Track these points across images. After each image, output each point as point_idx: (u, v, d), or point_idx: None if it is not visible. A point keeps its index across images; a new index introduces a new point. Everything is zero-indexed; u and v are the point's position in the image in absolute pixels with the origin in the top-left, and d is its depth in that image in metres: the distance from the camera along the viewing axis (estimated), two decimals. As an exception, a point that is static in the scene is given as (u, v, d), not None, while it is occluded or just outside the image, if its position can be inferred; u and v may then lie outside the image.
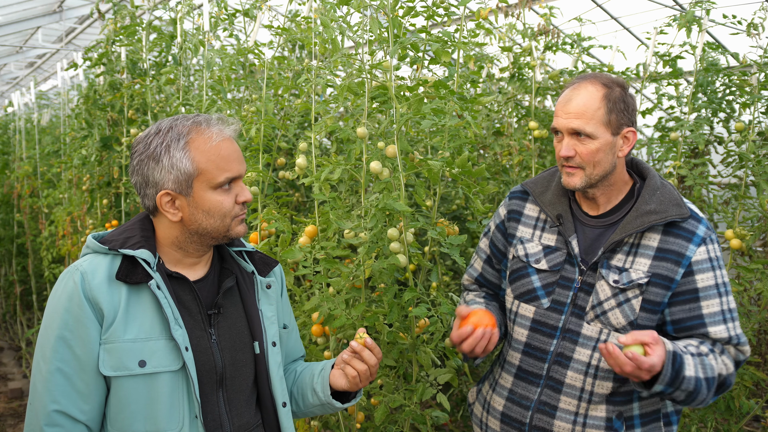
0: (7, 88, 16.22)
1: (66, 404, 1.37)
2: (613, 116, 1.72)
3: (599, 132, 1.71)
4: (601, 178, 1.76)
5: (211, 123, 1.47)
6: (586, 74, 1.80)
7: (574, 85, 1.78)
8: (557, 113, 1.77)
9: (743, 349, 1.74)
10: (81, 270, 1.40)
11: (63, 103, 5.85)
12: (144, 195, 1.47)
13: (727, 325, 1.71)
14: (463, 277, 2.13)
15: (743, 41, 3.31)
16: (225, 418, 1.49)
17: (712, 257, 1.73)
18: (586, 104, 1.71)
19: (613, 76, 1.78)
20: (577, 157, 1.74)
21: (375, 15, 2.07)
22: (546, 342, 1.81)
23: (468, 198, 2.66)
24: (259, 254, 1.65)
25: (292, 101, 3.58)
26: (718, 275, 1.72)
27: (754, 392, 3.71)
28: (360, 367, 1.56)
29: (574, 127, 1.72)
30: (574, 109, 1.72)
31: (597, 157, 1.72)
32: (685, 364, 1.61)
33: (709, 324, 1.71)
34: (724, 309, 1.72)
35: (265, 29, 3.15)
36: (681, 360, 1.61)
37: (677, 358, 1.60)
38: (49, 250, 5.15)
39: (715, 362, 1.68)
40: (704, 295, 1.71)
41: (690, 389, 1.62)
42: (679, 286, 1.72)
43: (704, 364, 1.65)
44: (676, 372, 1.59)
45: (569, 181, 1.77)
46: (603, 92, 1.72)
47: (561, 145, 1.77)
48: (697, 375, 1.62)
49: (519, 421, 1.83)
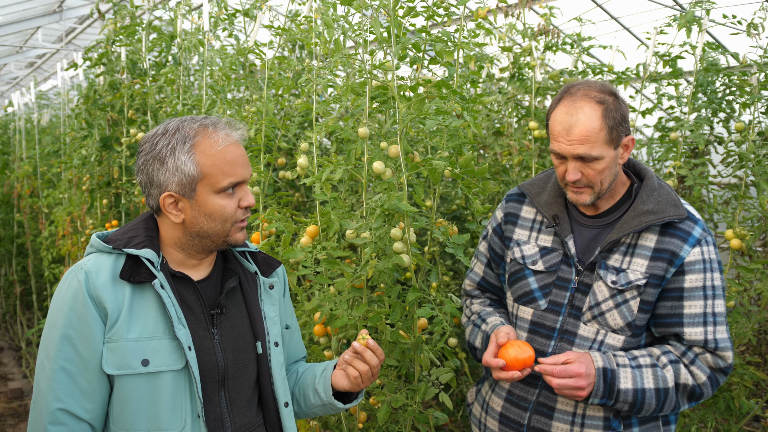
0: (7, 88, 16.22)
1: (70, 403, 1.37)
2: (614, 133, 1.68)
3: (605, 152, 1.68)
4: (608, 188, 1.75)
5: (218, 126, 1.46)
6: (573, 90, 1.71)
7: (565, 103, 1.70)
8: (557, 138, 1.71)
9: (723, 355, 1.70)
10: (85, 269, 1.41)
11: (63, 103, 5.85)
12: (148, 194, 1.48)
13: (705, 328, 1.70)
14: (464, 282, 2.12)
15: (743, 41, 3.31)
16: (227, 417, 1.50)
17: (705, 259, 1.72)
18: (590, 129, 1.66)
19: (599, 83, 1.73)
20: (584, 179, 1.72)
21: (375, 15, 2.07)
22: (544, 344, 1.81)
23: (468, 198, 2.66)
24: (262, 254, 1.66)
25: (293, 101, 3.58)
26: (708, 278, 1.71)
27: (754, 392, 3.71)
28: (362, 368, 1.56)
29: (580, 153, 1.67)
30: (577, 136, 1.66)
31: (604, 175, 1.71)
32: (619, 378, 1.67)
33: (686, 324, 1.70)
34: (707, 312, 1.70)
35: (265, 29, 3.15)
36: (613, 375, 1.67)
37: (608, 373, 1.67)
38: (49, 250, 5.15)
39: (673, 373, 1.69)
40: (688, 295, 1.71)
41: (629, 401, 1.68)
42: (668, 283, 1.72)
43: (656, 375, 1.69)
44: (609, 386, 1.67)
45: (578, 199, 1.76)
46: (601, 110, 1.66)
47: (564, 167, 1.73)
48: (636, 387, 1.67)
49: (517, 422, 1.84)
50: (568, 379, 1.64)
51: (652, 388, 1.68)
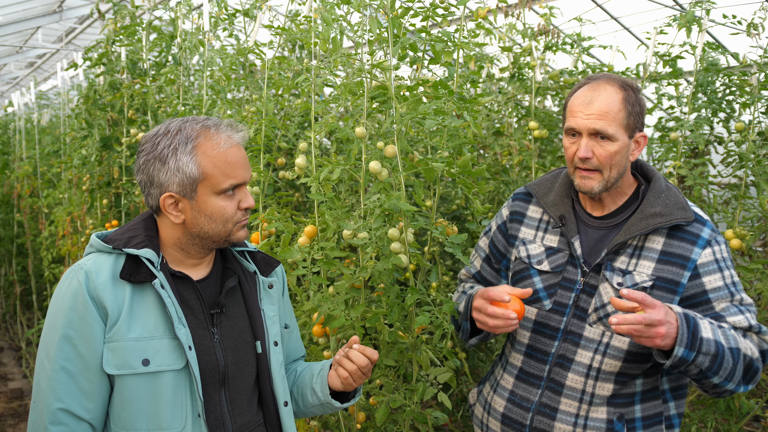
0: (7, 88, 16.22)
1: (70, 402, 1.38)
2: (631, 119, 1.70)
3: (619, 134, 1.69)
4: (616, 181, 1.74)
5: (220, 128, 1.47)
6: (599, 74, 1.76)
7: (588, 84, 1.74)
8: (575, 113, 1.72)
9: (766, 338, 1.69)
10: (85, 269, 1.41)
11: (63, 103, 5.85)
12: (148, 194, 1.48)
13: (744, 315, 1.68)
14: (460, 272, 2.13)
15: (743, 41, 3.31)
16: (227, 416, 1.50)
17: (718, 258, 1.71)
18: (609, 105, 1.68)
19: (624, 77, 1.77)
20: (594, 159, 1.71)
21: (375, 15, 2.07)
22: (547, 344, 1.81)
23: (467, 198, 2.66)
24: (261, 254, 1.66)
25: (292, 101, 3.58)
26: (727, 275, 1.70)
27: (754, 392, 3.70)
28: (349, 367, 1.57)
29: (597, 128, 1.68)
30: (596, 110, 1.68)
31: (614, 159, 1.70)
32: (700, 325, 1.57)
33: (727, 317, 1.68)
34: (736, 302, 1.69)
35: (265, 29, 3.15)
36: (695, 321, 1.56)
37: (690, 319, 1.56)
38: (49, 250, 5.15)
39: (738, 337, 1.63)
40: (714, 296, 1.69)
41: (712, 352, 1.56)
42: (686, 290, 1.70)
43: (726, 334, 1.61)
44: (692, 333, 1.54)
45: (586, 184, 1.74)
46: (622, 94, 1.70)
47: (576, 146, 1.73)
48: (716, 338, 1.57)
49: (519, 423, 1.83)
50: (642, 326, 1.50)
51: (725, 345, 1.59)
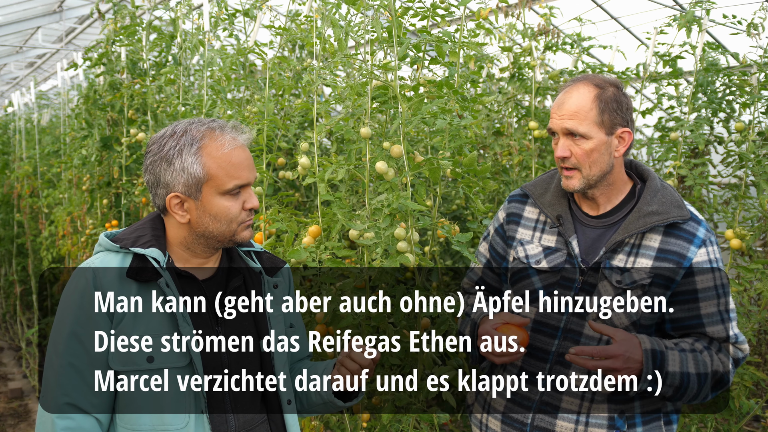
0: (7, 88, 16.21)
1: (77, 397, 1.41)
2: (605, 116, 1.73)
3: (593, 132, 1.73)
4: (599, 178, 1.77)
5: (225, 130, 1.49)
6: (580, 76, 1.83)
7: (567, 87, 1.81)
8: (552, 115, 1.80)
9: (742, 347, 1.77)
10: (93, 267, 1.44)
11: (63, 103, 5.85)
12: (155, 194, 1.50)
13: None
14: (462, 281, 2.13)
15: (743, 41, 3.31)
16: (230, 414, 1.52)
17: (711, 259, 1.74)
18: (579, 105, 1.74)
19: (608, 77, 1.81)
20: (572, 158, 1.75)
21: (376, 15, 2.08)
22: (547, 342, 1.81)
23: (468, 198, 2.66)
24: (267, 254, 1.68)
25: (293, 101, 3.58)
26: (717, 277, 1.74)
27: (754, 392, 3.71)
28: (352, 367, 1.58)
29: (567, 128, 1.74)
30: (567, 110, 1.75)
31: (592, 157, 1.74)
32: (668, 360, 1.66)
33: (707, 324, 1.74)
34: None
35: (265, 29, 3.16)
36: (662, 357, 1.66)
37: (657, 355, 1.65)
38: (49, 250, 5.15)
39: (709, 359, 1.71)
40: (703, 296, 1.73)
41: (676, 384, 1.66)
42: (678, 286, 1.73)
43: (696, 359, 1.69)
44: (659, 367, 1.65)
45: (568, 184, 1.79)
46: (595, 93, 1.74)
47: (557, 146, 1.79)
48: (683, 370, 1.66)
49: (520, 422, 1.84)
50: (604, 360, 1.63)
51: (693, 372, 1.69)
